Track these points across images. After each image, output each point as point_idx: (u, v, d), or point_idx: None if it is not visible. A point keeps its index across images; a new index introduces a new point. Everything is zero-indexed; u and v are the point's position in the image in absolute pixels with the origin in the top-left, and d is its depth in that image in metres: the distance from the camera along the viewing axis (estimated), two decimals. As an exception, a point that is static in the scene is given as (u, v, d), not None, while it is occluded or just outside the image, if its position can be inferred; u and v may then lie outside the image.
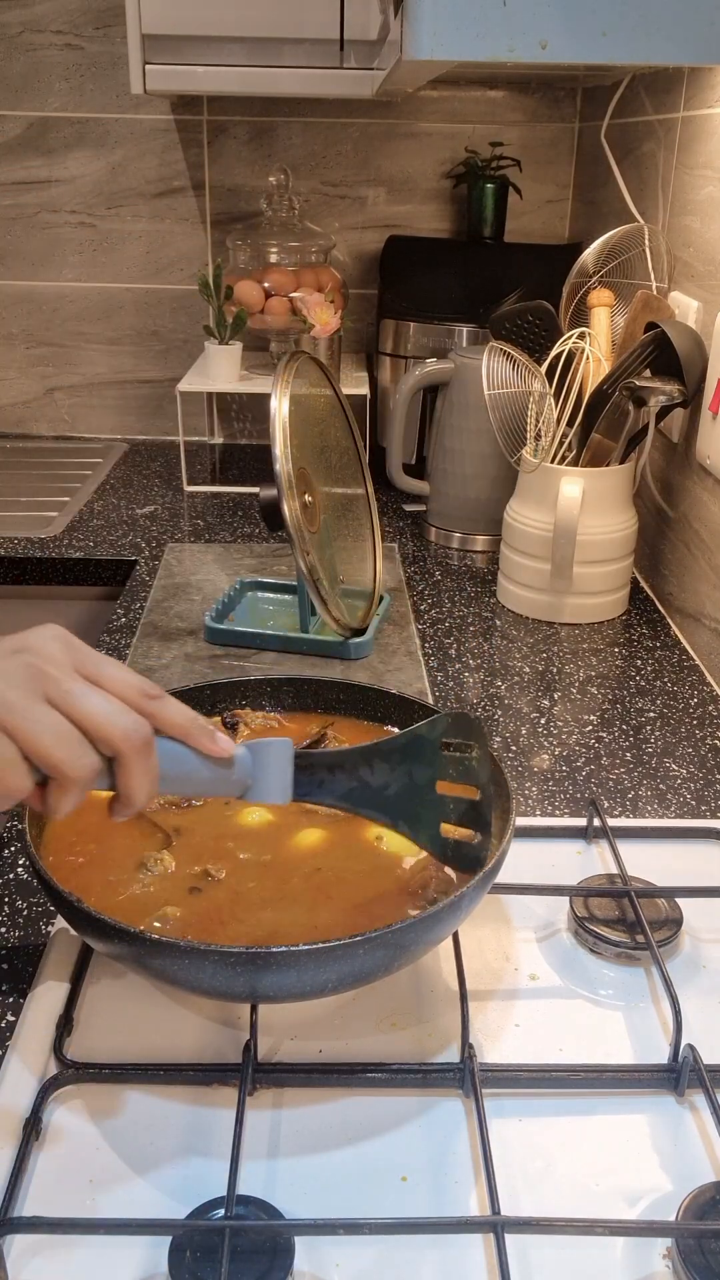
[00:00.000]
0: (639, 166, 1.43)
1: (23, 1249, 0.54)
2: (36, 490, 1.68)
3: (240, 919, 0.66)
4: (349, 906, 0.67)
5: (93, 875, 0.69)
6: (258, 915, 0.66)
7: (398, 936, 0.59)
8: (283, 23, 1.39)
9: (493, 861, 0.65)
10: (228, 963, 0.58)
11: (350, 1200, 0.57)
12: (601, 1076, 0.64)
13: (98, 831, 0.72)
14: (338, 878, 0.69)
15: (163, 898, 0.67)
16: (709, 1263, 0.52)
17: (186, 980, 0.60)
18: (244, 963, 0.58)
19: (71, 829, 0.72)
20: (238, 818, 0.75)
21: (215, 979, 0.59)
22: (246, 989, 0.60)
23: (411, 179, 1.85)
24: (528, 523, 1.25)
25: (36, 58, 1.77)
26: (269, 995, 0.61)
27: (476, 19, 0.78)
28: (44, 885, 0.63)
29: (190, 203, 1.85)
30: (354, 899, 0.67)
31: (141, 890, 0.68)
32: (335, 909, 0.67)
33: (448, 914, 0.62)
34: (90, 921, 0.60)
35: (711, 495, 1.16)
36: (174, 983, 0.61)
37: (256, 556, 1.43)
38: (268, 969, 0.58)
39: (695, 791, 0.94)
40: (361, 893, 0.68)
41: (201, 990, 0.61)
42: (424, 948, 0.64)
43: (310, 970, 0.58)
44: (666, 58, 0.81)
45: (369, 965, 0.60)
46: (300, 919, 0.66)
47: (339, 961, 0.58)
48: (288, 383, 1.08)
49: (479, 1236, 0.55)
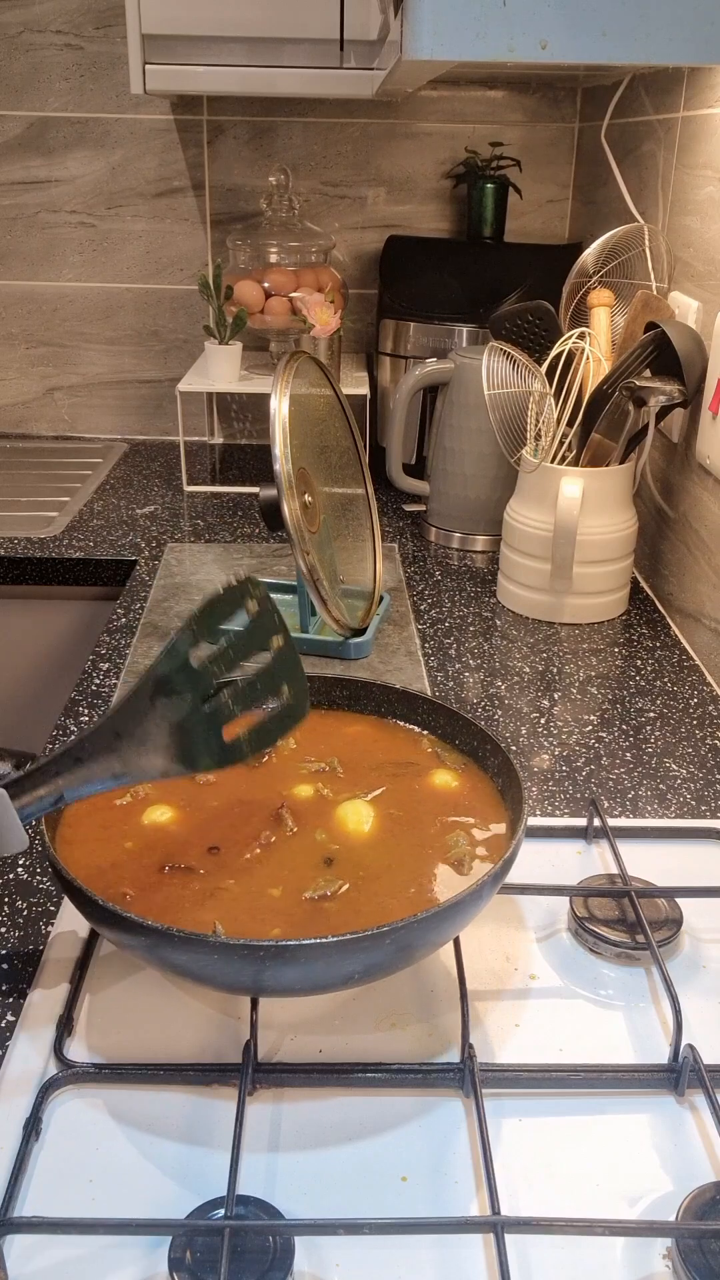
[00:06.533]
0: (639, 166, 1.43)
1: (23, 1249, 0.54)
2: (36, 490, 1.68)
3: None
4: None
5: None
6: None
7: (403, 935, 0.59)
8: (283, 23, 1.39)
9: (504, 859, 0.64)
10: (236, 955, 0.58)
11: (350, 1200, 0.57)
12: (601, 1076, 0.64)
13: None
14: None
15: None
16: (709, 1263, 0.52)
17: (192, 971, 0.60)
18: (250, 956, 0.58)
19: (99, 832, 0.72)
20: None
21: (223, 971, 0.59)
22: (251, 981, 0.60)
23: (411, 179, 1.85)
24: (528, 523, 1.25)
25: (36, 58, 1.77)
26: (273, 989, 0.61)
27: (476, 19, 0.78)
28: (61, 880, 0.63)
29: (190, 203, 1.85)
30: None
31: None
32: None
33: (456, 911, 0.61)
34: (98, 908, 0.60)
35: (711, 495, 1.16)
36: (180, 973, 0.61)
37: (256, 556, 1.43)
38: (275, 962, 0.58)
39: (695, 791, 0.94)
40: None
41: (207, 981, 0.61)
42: (429, 948, 0.64)
43: (318, 965, 0.58)
44: (666, 58, 0.81)
45: (376, 961, 0.60)
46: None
47: (346, 957, 0.58)
48: (288, 383, 1.08)
49: (479, 1236, 0.55)
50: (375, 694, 0.84)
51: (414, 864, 0.69)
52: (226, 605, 0.65)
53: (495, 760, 0.76)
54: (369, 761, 0.79)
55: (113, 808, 0.73)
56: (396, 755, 0.80)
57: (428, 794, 0.76)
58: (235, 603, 0.65)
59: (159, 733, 0.64)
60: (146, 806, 0.73)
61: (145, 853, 0.70)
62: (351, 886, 0.67)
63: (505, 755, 0.74)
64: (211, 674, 0.64)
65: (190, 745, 0.65)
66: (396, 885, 0.67)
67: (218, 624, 0.65)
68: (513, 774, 0.72)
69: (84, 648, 1.46)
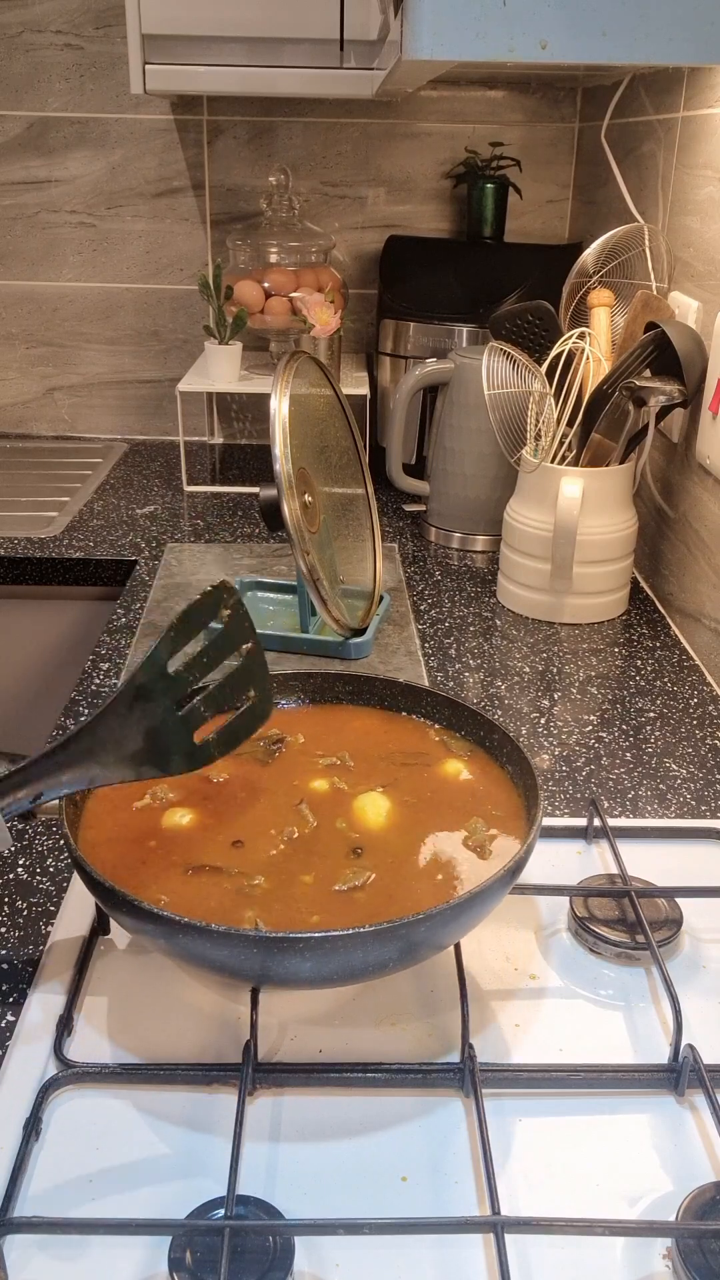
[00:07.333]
0: (639, 166, 1.43)
1: (23, 1249, 0.54)
2: (36, 490, 1.68)
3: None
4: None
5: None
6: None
7: (408, 931, 0.59)
8: (283, 23, 1.39)
9: (519, 854, 0.64)
10: (241, 945, 0.58)
11: (350, 1200, 0.57)
12: (601, 1076, 0.64)
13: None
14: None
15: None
16: (709, 1263, 0.52)
17: (198, 957, 0.60)
18: (257, 946, 0.58)
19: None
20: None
21: (228, 960, 0.59)
22: (257, 971, 0.60)
23: (411, 179, 1.85)
24: (528, 523, 1.25)
25: (36, 58, 1.77)
26: (277, 979, 0.61)
27: (476, 19, 0.78)
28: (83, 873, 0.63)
29: (190, 203, 1.85)
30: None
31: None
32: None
33: (465, 909, 0.62)
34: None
35: (711, 495, 1.16)
36: (183, 959, 0.62)
37: (256, 556, 1.43)
38: (280, 953, 0.58)
39: (695, 791, 0.94)
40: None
41: (212, 967, 0.61)
42: (433, 948, 0.64)
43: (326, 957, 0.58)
44: (666, 58, 0.81)
45: (381, 958, 0.60)
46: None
47: (355, 950, 0.58)
48: (288, 383, 1.08)
49: (479, 1236, 0.55)
50: (379, 688, 0.85)
51: (436, 852, 0.70)
52: (203, 613, 0.67)
53: (506, 749, 0.77)
54: (379, 754, 0.80)
55: (132, 810, 0.73)
56: (406, 747, 0.80)
57: (441, 784, 0.76)
58: (211, 610, 0.68)
59: (135, 737, 0.66)
60: (167, 808, 0.74)
61: (170, 852, 0.70)
62: (380, 875, 0.68)
63: (515, 743, 0.75)
64: (186, 681, 0.67)
65: (163, 748, 0.67)
66: (421, 873, 0.68)
67: (195, 631, 0.67)
68: (523, 761, 0.73)
69: (84, 648, 1.46)
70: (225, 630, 0.69)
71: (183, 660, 0.67)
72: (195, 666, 0.67)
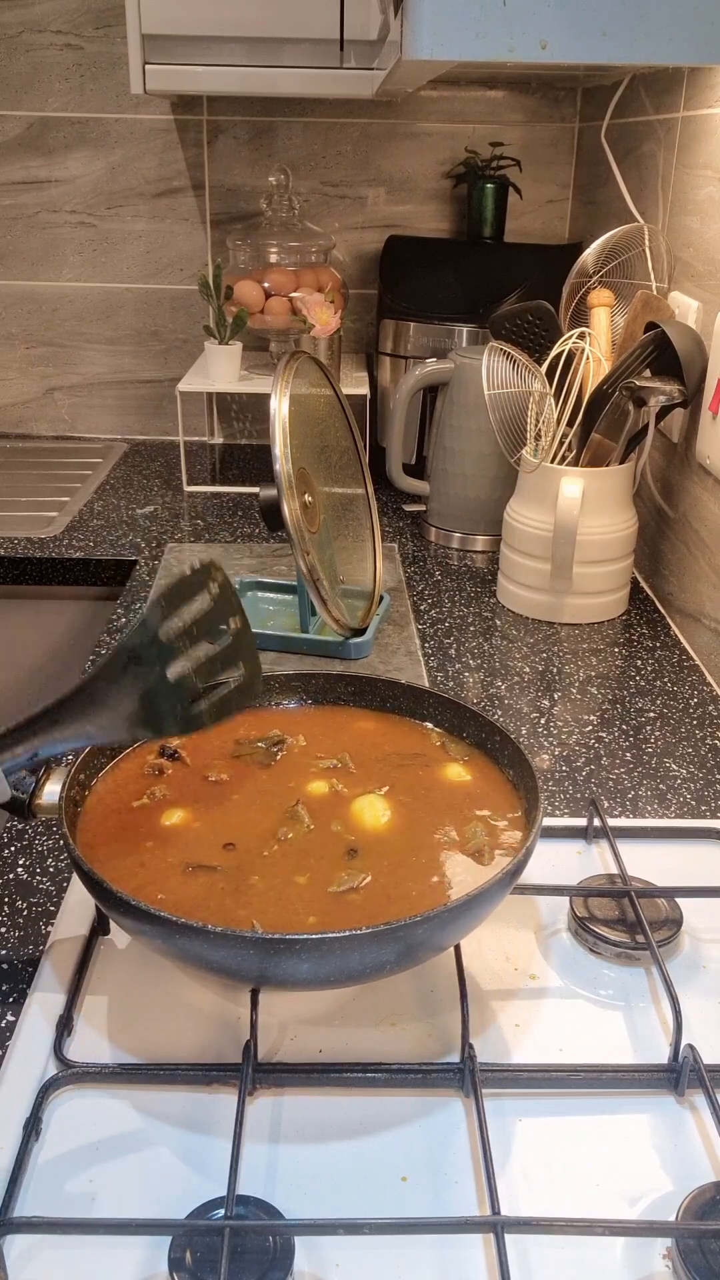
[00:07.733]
0: (639, 166, 1.43)
1: (23, 1249, 0.54)
2: (36, 490, 1.68)
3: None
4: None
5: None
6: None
7: (406, 933, 0.59)
8: (283, 23, 1.39)
9: (518, 857, 0.64)
10: (239, 946, 0.58)
11: (350, 1200, 0.57)
12: (601, 1076, 0.64)
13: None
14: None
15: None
16: (709, 1263, 0.52)
17: (196, 958, 0.60)
18: (254, 947, 0.58)
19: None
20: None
21: (225, 960, 0.59)
22: (255, 972, 0.60)
23: (411, 179, 1.85)
24: (528, 523, 1.25)
25: (36, 58, 1.77)
26: (275, 980, 0.61)
27: (476, 19, 0.78)
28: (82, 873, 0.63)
29: (190, 203, 1.85)
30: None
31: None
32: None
33: (463, 911, 0.61)
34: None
35: (711, 495, 1.16)
36: (181, 959, 0.62)
37: (256, 556, 1.43)
38: (278, 955, 0.58)
39: (695, 791, 0.94)
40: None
41: (210, 968, 0.61)
42: (432, 950, 0.64)
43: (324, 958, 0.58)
44: (666, 58, 0.81)
45: (379, 959, 0.60)
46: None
47: (353, 952, 0.58)
48: (288, 383, 1.08)
49: (479, 1236, 0.55)
50: (381, 689, 0.85)
51: (434, 855, 0.70)
52: (190, 587, 0.69)
53: (507, 751, 0.77)
54: (378, 755, 0.80)
55: (130, 809, 0.73)
56: (406, 748, 0.80)
57: (440, 786, 0.76)
58: (199, 585, 0.69)
59: (129, 700, 0.68)
60: (165, 808, 0.74)
61: (168, 852, 0.70)
62: (376, 877, 0.67)
63: (516, 746, 0.75)
64: (176, 649, 0.69)
65: (157, 712, 0.69)
66: (419, 875, 0.68)
67: (183, 602, 0.69)
68: (524, 763, 0.73)
69: (84, 648, 1.46)
70: (213, 605, 0.71)
71: (174, 630, 0.69)
72: (185, 635, 0.69)
